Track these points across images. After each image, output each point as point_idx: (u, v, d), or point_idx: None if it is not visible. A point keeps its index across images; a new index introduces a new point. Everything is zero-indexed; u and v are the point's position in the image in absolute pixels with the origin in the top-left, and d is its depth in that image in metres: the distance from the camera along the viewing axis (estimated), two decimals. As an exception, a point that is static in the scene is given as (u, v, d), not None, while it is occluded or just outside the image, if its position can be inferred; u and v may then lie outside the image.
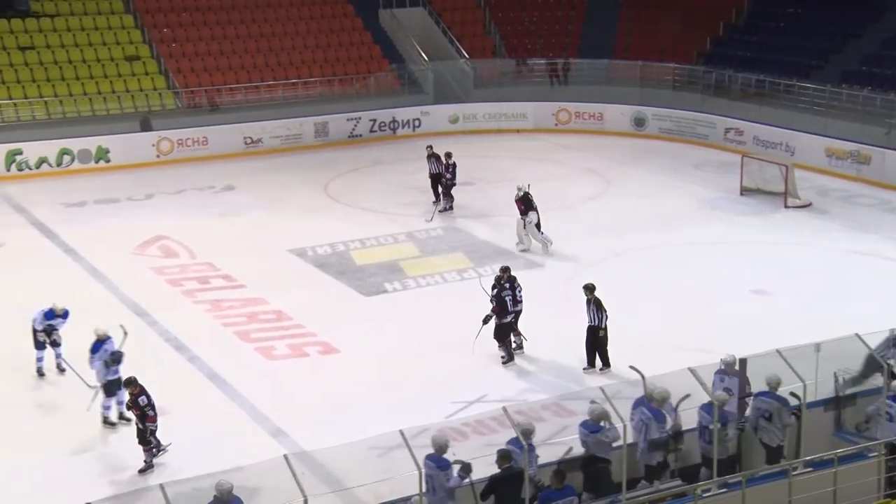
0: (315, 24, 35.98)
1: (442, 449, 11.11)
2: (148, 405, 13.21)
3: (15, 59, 30.80)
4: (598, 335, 15.95)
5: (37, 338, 15.73)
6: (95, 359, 14.42)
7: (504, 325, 16.46)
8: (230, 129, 31.02)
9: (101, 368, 14.42)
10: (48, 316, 15.71)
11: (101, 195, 26.44)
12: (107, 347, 14.46)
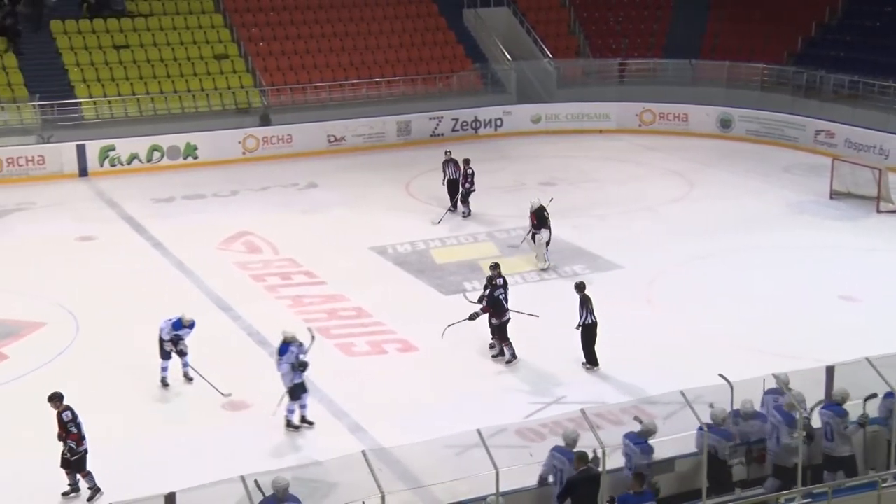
0: (399, 23, 36.19)
1: (573, 442, 11.07)
2: (71, 421, 12.64)
3: (110, 57, 31.65)
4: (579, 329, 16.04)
5: (163, 347, 15.49)
6: (283, 361, 14.24)
7: (503, 325, 16.39)
8: (314, 127, 31.39)
9: (288, 372, 14.26)
10: (176, 326, 15.49)
11: (189, 191, 26.99)
12: (293, 349, 14.29)
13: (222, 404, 15.09)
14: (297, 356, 14.27)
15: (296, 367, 14.21)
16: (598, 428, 11.01)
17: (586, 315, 16.02)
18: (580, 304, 16.14)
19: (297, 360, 14.23)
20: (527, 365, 16.27)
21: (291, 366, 14.20)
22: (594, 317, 16.06)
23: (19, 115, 29.35)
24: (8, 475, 13.18)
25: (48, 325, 17.89)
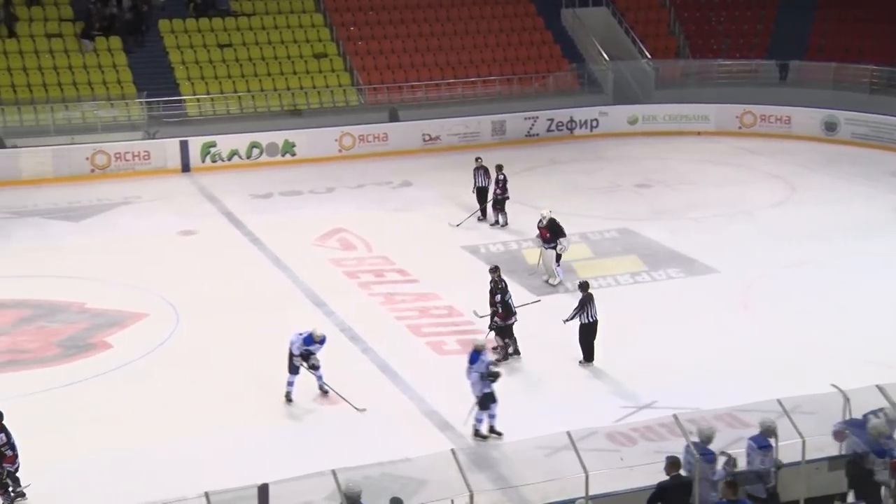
0: (497, 23, 36.18)
1: (708, 439, 10.95)
2: (6, 444, 12.31)
3: (214, 56, 32.42)
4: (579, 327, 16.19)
5: (292, 362, 15.12)
6: (473, 370, 13.94)
7: (510, 326, 16.38)
8: (410, 126, 31.61)
9: (477, 381, 13.93)
10: (307, 342, 15.13)
11: (286, 187, 27.46)
12: (483, 359, 13.99)
13: (314, 398, 15.30)
14: (486, 365, 13.92)
15: (485, 376, 13.80)
16: (691, 434, 10.82)
17: (585, 314, 16.15)
18: (580, 302, 16.20)
19: (488, 370, 13.85)
20: (617, 369, 16.09)
21: (481, 375, 13.82)
22: (595, 316, 16.17)
23: (127, 112, 30.28)
24: (113, 458, 13.59)
25: (150, 316, 18.41)
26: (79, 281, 20.13)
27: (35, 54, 30.70)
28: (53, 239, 23.08)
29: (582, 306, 16.20)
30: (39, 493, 12.68)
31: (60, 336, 17.52)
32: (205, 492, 10.55)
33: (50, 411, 14.91)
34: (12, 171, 27.38)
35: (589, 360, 16.29)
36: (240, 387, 15.77)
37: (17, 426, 14.30)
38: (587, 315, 16.16)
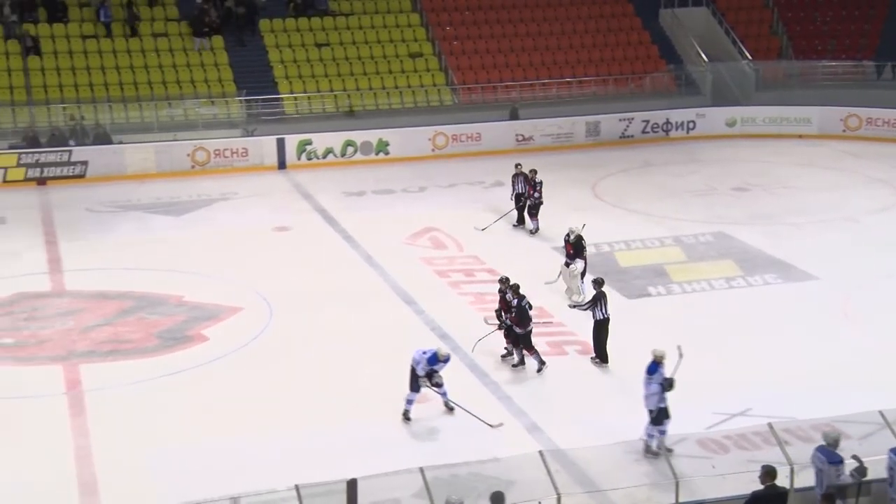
0: (593, 23, 35.89)
1: (835, 443, 10.76)
2: None
3: (312, 55, 32.92)
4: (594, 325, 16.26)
5: (415, 380, 14.68)
6: (652, 381, 13.36)
7: (528, 334, 16.10)
8: (503, 125, 31.56)
9: (657, 392, 13.31)
10: (431, 361, 14.71)
11: (379, 186, 27.70)
12: (661, 370, 13.38)
13: (402, 396, 15.36)
14: (664, 376, 13.32)
15: (665, 387, 13.25)
16: (786, 444, 10.55)
17: (599, 311, 16.16)
18: (593, 298, 16.28)
19: (666, 380, 13.27)
20: (710, 375, 15.77)
21: (661, 386, 13.26)
22: (607, 314, 16.19)
23: (227, 110, 30.96)
24: (205, 448, 13.90)
25: (245, 310, 18.77)
26: (178, 274, 20.65)
27: (142, 53, 31.62)
28: (154, 232, 23.72)
29: (595, 302, 16.27)
30: (133, 481, 13.05)
31: (159, 328, 18.00)
32: (295, 485, 10.72)
33: (147, 401, 15.32)
34: (118, 166, 28.24)
35: (603, 360, 16.33)
36: (330, 382, 15.96)
37: (115, 414, 14.79)
38: (600, 311, 16.22)
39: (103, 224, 24.28)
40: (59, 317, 18.39)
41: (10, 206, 25.40)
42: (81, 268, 21.03)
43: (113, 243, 22.85)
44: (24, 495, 12.65)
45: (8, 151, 27.54)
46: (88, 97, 29.91)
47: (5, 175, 27.25)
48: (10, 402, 15.21)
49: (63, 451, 13.73)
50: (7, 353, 16.97)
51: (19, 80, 29.98)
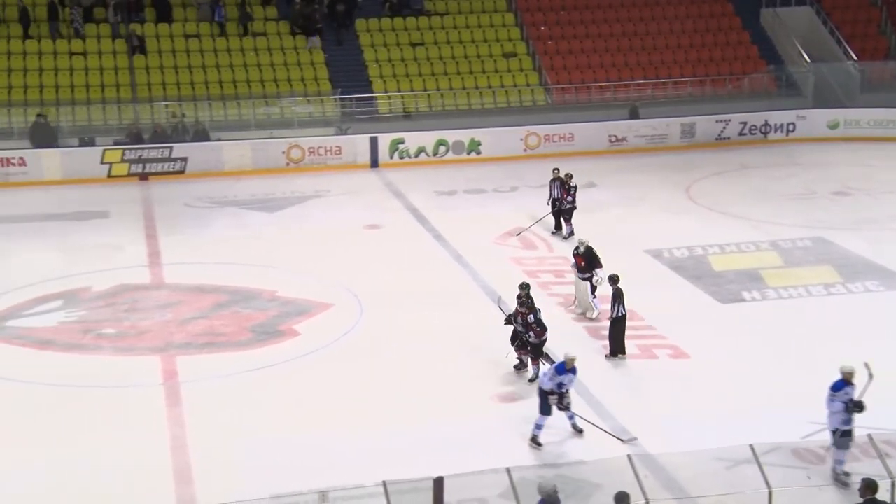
0: (691, 23, 35.33)
1: None
2: None
3: (406, 54, 33.16)
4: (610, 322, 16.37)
5: (545, 401, 13.74)
6: (836, 398, 12.55)
7: (542, 343, 15.76)
8: (596, 126, 31.30)
9: (840, 412, 12.54)
10: (559, 370, 13.84)
11: (470, 185, 27.74)
12: (848, 389, 12.55)
13: (492, 395, 15.39)
14: (850, 396, 12.50)
15: (850, 407, 12.47)
16: (886, 456, 10.21)
17: (618, 308, 16.23)
18: (613, 297, 16.28)
19: (853, 402, 12.44)
20: (806, 383, 15.32)
21: (846, 405, 12.48)
22: (624, 310, 16.29)
23: (322, 108, 31.40)
24: (294, 443, 14.13)
25: (335, 307, 19.00)
26: (271, 270, 21.03)
27: (241, 52, 32.29)
28: (249, 228, 24.19)
29: (616, 299, 16.26)
30: (225, 472, 13.33)
31: (252, 322, 18.35)
32: (382, 481, 10.81)
33: (239, 393, 15.63)
34: (216, 162, 28.90)
35: (619, 352, 16.46)
36: (418, 380, 16.05)
37: (208, 406, 15.13)
38: (619, 309, 16.27)
39: (201, 219, 24.87)
40: (157, 309, 18.91)
41: (113, 200, 26.22)
42: (180, 261, 21.58)
43: (210, 238, 23.39)
44: (122, 482, 13.04)
45: (113, 147, 28.43)
46: (190, 95, 30.69)
47: (110, 170, 28.13)
48: (110, 391, 15.69)
49: (159, 440, 14.11)
50: (109, 343, 17.52)
51: (125, 78, 30.92)
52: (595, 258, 18.07)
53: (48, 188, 27.17)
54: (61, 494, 12.74)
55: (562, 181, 22.87)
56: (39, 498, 12.66)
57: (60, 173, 27.78)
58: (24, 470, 13.26)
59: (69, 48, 31.17)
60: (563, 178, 22.81)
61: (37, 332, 17.78)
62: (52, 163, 27.85)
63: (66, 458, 13.56)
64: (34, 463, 13.46)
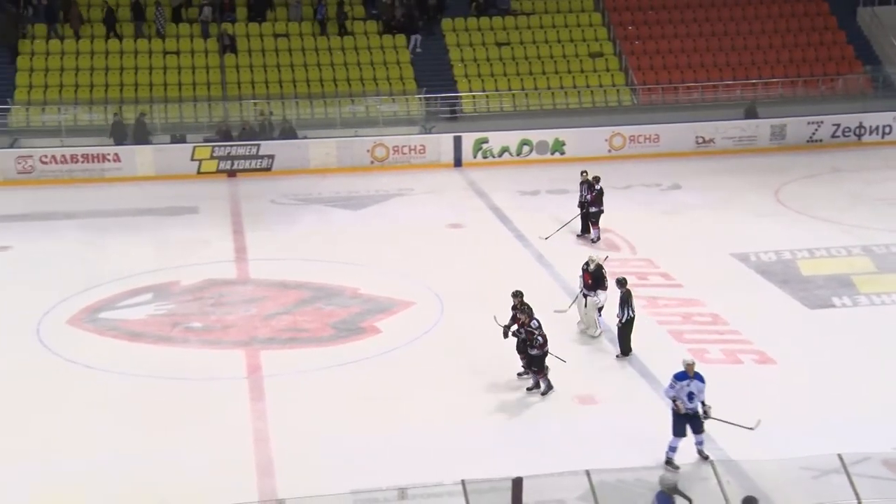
0: (784, 22, 34.60)
1: None
2: None
3: (492, 54, 33.16)
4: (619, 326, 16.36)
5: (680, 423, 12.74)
6: None
7: (544, 356, 15.22)
8: (683, 127, 30.84)
9: None
10: (680, 377, 12.78)
11: (553, 185, 27.57)
12: None
13: (572, 397, 15.27)
14: None
15: None
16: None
17: (627, 311, 16.22)
18: (621, 299, 16.25)
19: None
20: (899, 393, 14.94)
21: None
22: (633, 312, 16.28)
23: (407, 107, 31.60)
24: (373, 439, 14.23)
25: (417, 305, 19.09)
26: (354, 267, 21.23)
27: (328, 51, 32.69)
28: (333, 226, 24.46)
29: (624, 302, 16.24)
30: (306, 466, 13.50)
31: (335, 318, 18.55)
32: (461, 480, 10.82)
33: (321, 389, 15.81)
34: (301, 160, 29.30)
35: (626, 353, 16.49)
36: (497, 379, 16.00)
37: (289, 400, 15.34)
38: (628, 311, 16.27)
39: (286, 216, 25.24)
40: (243, 304, 19.25)
41: (202, 196, 26.79)
42: (265, 257, 21.94)
43: (294, 235, 23.72)
44: (206, 472, 13.30)
45: (203, 144, 29.05)
46: (278, 94, 31.18)
47: (199, 167, 28.75)
48: (196, 383, 16.03)
49: (242, 432, 14.35)
50: (196, 336, 17.89)
51: (216, 76, 31.57)
52: (602, 279, 17.29)
53: (141, 184, 27.90)
54: (148, 483, 13.05)
55: (590, 184, 22.55)
56: (127, 486, 12.99)
57: (153, 169, 28.51)
58: (111, 459, 13.62)
59: (163, 47, 31.97)
60: (591, 181, 22.48)
61: (128, 324, 18.27)
62: (144, 159, 28.60)
63: (152, 448, 13.89)
64: (121, 452, 13.81)
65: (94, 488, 12.91)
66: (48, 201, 26.16)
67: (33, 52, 31.23)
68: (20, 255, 22.05)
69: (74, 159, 28.00)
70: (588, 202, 22.46)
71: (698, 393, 12.85)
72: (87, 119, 29.68)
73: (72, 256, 21.92)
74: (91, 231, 23.73)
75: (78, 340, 17.57)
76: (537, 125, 30.88)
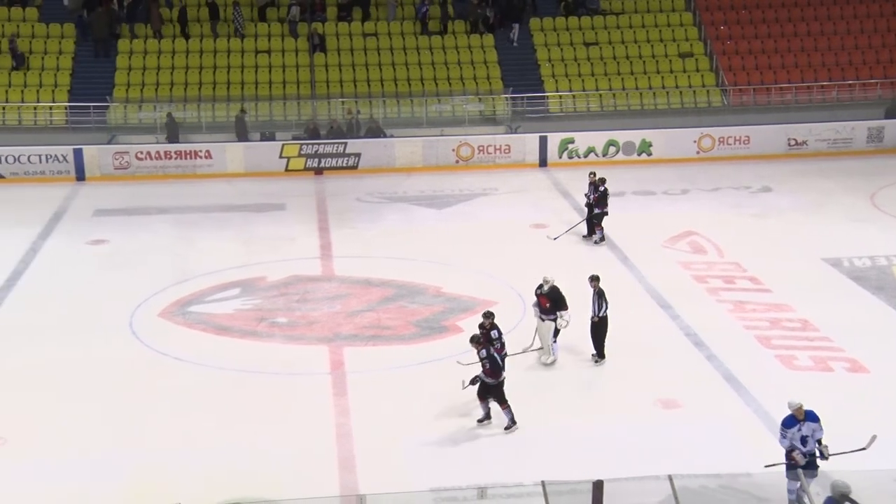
0: (884, 22, 33.67)
1: None
2: None
3: (579, 54, 32.96)
4: (594, 323, 16.07)
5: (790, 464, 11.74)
6: None
7: (500, 385, 14.13)
8: (775, 129, 30.21)
9: None
10: (789, 424, 11.66)
11: (639, 186, 27.29)
12: None
13: (655, 401, 15.09)
14: None
15: None
16: None
17: (604, 306, 16.00)
18: (597, 296, 16.01)
19: None
20: None
21: None
22: (607, 310, 16.03)
23: (493, 107, 31.61)
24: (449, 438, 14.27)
25: (499, 304, 19.04)
26: (437, 266, 21.32)
27: (416, 51, 32.89)
28: (417, 224, 24.61)
29: (600, 297, 16.05)
30: (387, 462, 13.61)
31: (417, 317, 18.65)
32: (541, 481, 10.79)
33: (403, 386, 15.92)
34: (387, 159, 29.53)
35: (602, 355, 16.23)
36: (579, 381, 15.93)
37: (371, 397, 15.48)
38: (602, 309, 16.06)
39: (371, 214, 25.48)
40: (327, 300, 19.50)
41: (290, 193, 27.22)
42: (350, 254, 22.19)
43: (379, 232, 23.93)
44: (289, 465, 13.52)
45: (291, 142, 29.52)
46: (365, 93, 31.50)
47: (287, 164, 29.21)
48: (280, 378, 16.29)
49: (325, 427, 14.54)
50: (280, 332, 18.19)
51: (305, 75, 32.04)
52: (561, 299, 16.08)
53: (231, 180, 28.48)
54: (231, 473, 13.32)
55: (595, 185, 22.40)
56: (211, 476, 13.28)
57: (242, 166, 29.08)
58: (197, 449, 13.93)
59: (255, 46, 32.56)
60: (597, 182, 22.33)
61: (216, 318, 18.67)
62: (235, 156, 29.18)
63: (236, 440, 14.17)
64: (206, 443, 14.12)
65: (180, 478, 13.22)
66: (143, 196, 26.90)
67: (132, 50, 32.13)
68: (116, 248, 22.71)
69: (168, 155, 28.73)
70: (592, 203, 22.33)
71: (813, 434, 11.69)
72: (181, 117, 30.41)
73: (164, 250, 22.49)
74: (183, 226, 24.32)
75: (168, 333, 18.02)
76: (624, 126, 30.60)
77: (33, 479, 13.20)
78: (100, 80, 31.19)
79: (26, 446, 14.00)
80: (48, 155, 28.20)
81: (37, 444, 14.06)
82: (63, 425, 14.59)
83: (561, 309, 16.10)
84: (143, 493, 12.80)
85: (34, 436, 14.27)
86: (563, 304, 16.13)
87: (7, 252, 21.98)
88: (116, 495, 12.57)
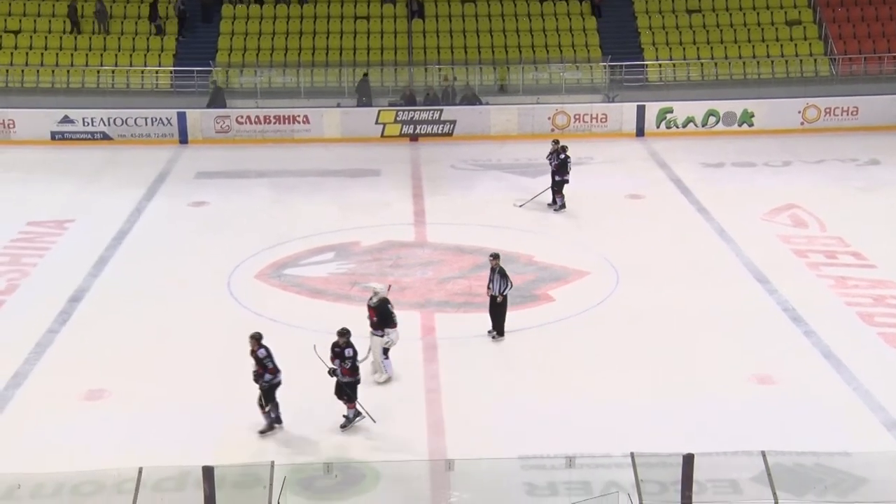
0: None
1: None
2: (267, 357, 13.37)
3: (681, 21, 32.26)
4: (497, 302, 15.89)
5: None
6: None
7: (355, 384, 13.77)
8: (885, 100, 29.26)
9: None
10: None
11: (739, 158, 26.67)
12: None
13: (750, 377, 14.81)
14: None
15: None
16: None
17: (508, 284, 15.86)
18: (498, 276, 15.80)
19: None
20: None
21: None
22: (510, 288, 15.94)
23: (591, 75, 31.20)
24: (543, 408, 14.25)
25: (592, 275, 18.94)
26: (531, 234, 21.24)
27: (514, 17, 32.62)
28: (511, 192, 24.51)
29: (503, 276, 15.83)
30: (475, 429, 13.68)
31: (509, 284, 18.62)
32: (631, 452, 10.72)
33: (491, 354, 15.95)
34: (483, 126, 29.44)
35: (502, 332, 16.09)
36: (670, 355, 15.71)
37: (461, 363, 15.54)
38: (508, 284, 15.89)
39: (465, 181, 25.48)
40: (419, 266, 19.61)
41: (385, 159, 27.39)
42: (442, 221, 22.25)
43: (472, 200, 23.93)
44: (378, 428, 13.69)
45: (387, 108, 29.66)
46: (462, 59, 31.41)
47: (384, 130, 29.38)
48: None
49: (416, 392, 14.68)
50: (373, 295, 18.37)
51: (403, 41, 32.10)
52: (388, 315, 14.79)
53: (328, 145, 28.79)
54: (322, 432, 13.57)
55: (556, 153, 22.34)
56: (304, 436, 13.55)
57: (339, 131, 29.35)
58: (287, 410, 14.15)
59: (354, 12, 32.71)
60: (558, 150, 22.27)
61: (310, 281, 18.97)
62: (332, 121, 29.47)
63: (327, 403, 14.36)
64: (298, 405, 14.33)
65: (272, 437, 13.53)
66: (242, 160, 27.41)
67: (235, 16, 32.65)
68: (215, 210, 23.23)
69: (267, 120, 29.18)
70: (554, 171, 22.41)
71: None
72: (281, 82, 30.81)
73: (262, 213, 22.91)
74: (280, 190, 24.72)
75: (264, 294, 18.38)
76: (725, 95, 29.88)
77: (133, 431, 13.66)
78: (203, 44, 31.82)
79: (127, 399, 14.50)
80: (153, 118, 28.95)
81: (137, 397, 14.54)
82: (162, 380, 15.05)
83: (387, 325, 14.80)
84: (238, 449, 13.13)
85: (135, 390, 14.76)
86: (389, 321, 14.80)
87: (114, 212, 22.69)
88: (212, 450, 12.92)
